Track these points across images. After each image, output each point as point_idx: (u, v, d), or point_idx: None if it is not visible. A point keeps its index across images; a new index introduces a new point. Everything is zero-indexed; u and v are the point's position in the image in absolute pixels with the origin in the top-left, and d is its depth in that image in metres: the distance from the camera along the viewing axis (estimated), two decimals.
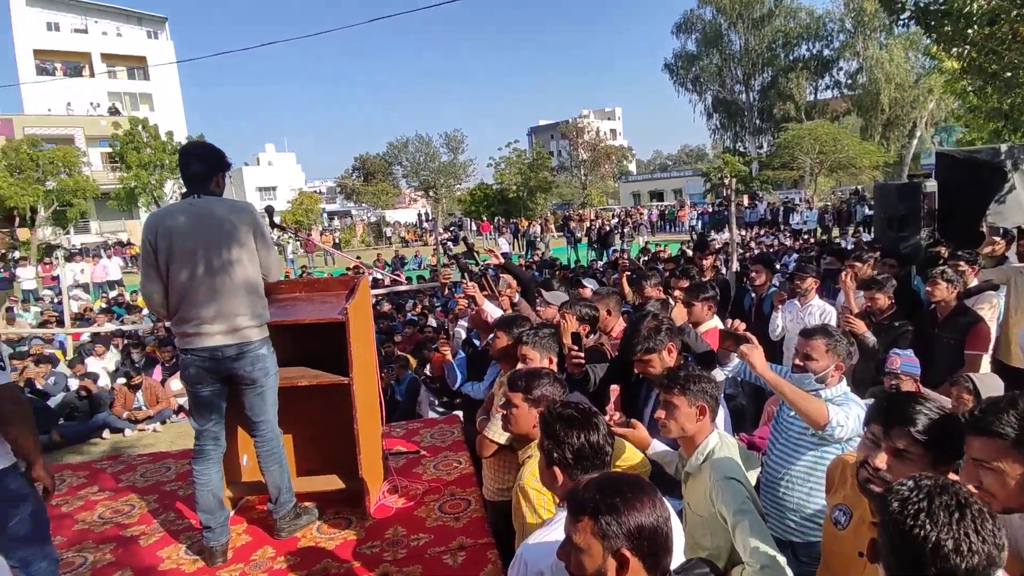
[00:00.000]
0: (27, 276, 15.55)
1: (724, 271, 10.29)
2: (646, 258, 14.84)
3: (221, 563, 2.65)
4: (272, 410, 2.75)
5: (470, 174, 38.84)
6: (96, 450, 6.10)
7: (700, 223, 24.94)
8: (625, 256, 16.66)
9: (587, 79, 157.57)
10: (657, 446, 2.30)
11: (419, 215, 40.70)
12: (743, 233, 19.42)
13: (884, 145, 31.20)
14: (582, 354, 2.68)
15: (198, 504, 2.67)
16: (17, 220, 24.02)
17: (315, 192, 40.36)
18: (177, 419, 6.80)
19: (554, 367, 2.58)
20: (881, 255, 5.29)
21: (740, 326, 2.31)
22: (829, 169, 28.16)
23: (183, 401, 6.94)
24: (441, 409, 6.62)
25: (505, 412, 2.23)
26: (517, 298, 3.77)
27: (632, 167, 61.29)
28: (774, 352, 4.73)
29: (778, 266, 12.15)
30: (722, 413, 2.29)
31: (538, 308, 3.88)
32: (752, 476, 2.45)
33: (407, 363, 6.62)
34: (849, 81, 34.68)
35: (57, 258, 19.19)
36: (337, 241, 27.73)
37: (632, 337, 2.48)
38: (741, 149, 37.88)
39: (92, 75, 34.22)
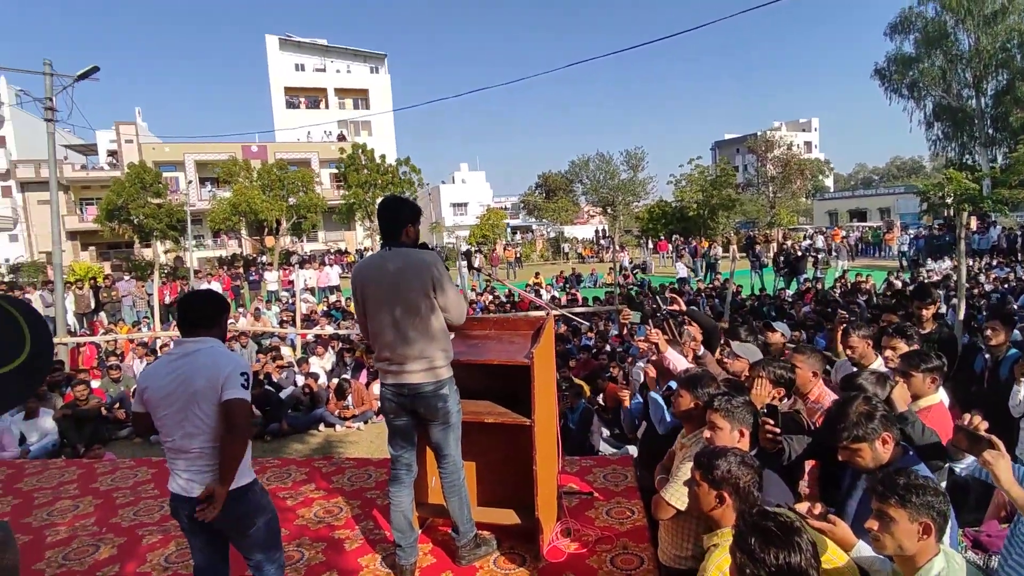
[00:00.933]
0: (271, 279, 18.59)
1: (945, 310, 8.69)
2: (842, 288, 13.19)
3: None
4: (455, 445, 2.95)
5: (649, 191, 38.18)
6: (313, 441, 7.10)
7: (913, 248, 21.42)
8: (820, 285, 14.99)
9: (779, 89, 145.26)
10: (864, 548, 2.03)
11: (596, 231, 40.91)
12: (970, 262, 16.21)
13: None
14: (778, 429, 2.47)
15: (392, 522, 2.98)
16: (266, 230, 29.10)
17: (501, 208, 42.68)
18: (377, 420, 7.64)
19: (746, 440, 2.42)
20: None
21: (981, 425, 1.94)
22: None
23: None
24: (612, 440, 6.58)
25: (688, 487, 2.17)
26: (702, 350, 3.60)
27: (829, 182, 55.02)
28: (1010, 429, 3.91)
29: (1016, 306, 9.84)
30: (949, 527, 1.95)
31: (725, 360, 3.68)
32: None
33: (581, 391, 6.67)
34: None
35: (293, 264, 22.79)
36: (519, 255, 28.98)
37: (838, 420, 2.22)
38: (969, 162, 31.94)
39: (327, 107, 40.27)
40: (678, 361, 3.53)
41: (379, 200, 3.10)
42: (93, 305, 14.01)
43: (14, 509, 4.06)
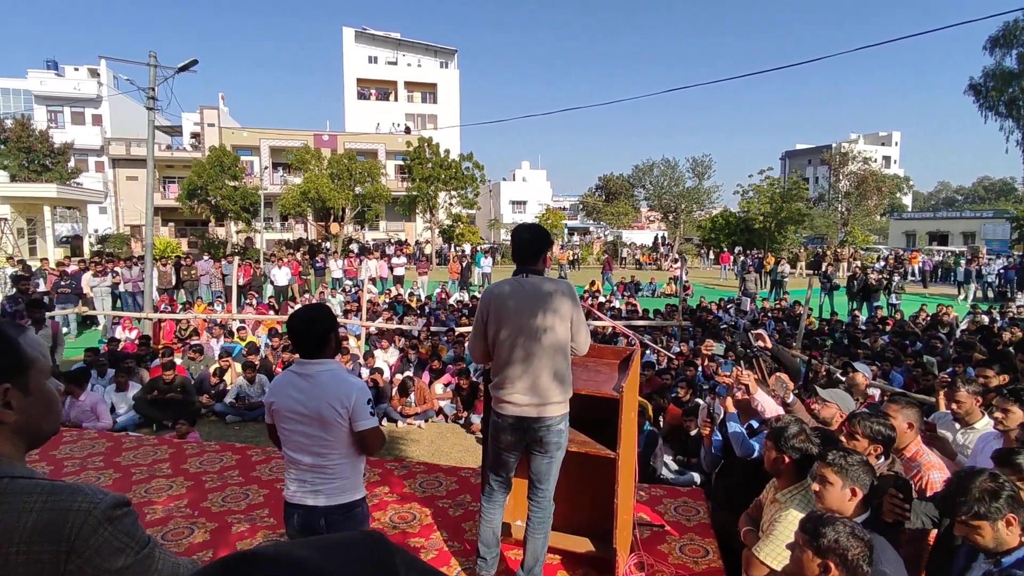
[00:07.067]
0: (336, 267, 18.80)
1: None
2: (924, 321, 12.48)
3: None
4: (553, 481, 2.90)
5: (714, 200, 37.22)
6: None
7: (1001, 279, 20.06)
8: (898, 314, 14.25)
9: (858, 100, 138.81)
10: None
11: (655, 238, 40.25)
12: None
13: None
14: (907, 505, 2.37)
15: (479, 535, 3.01)
16: (331, 217, 30.04)
17: (560, 208, 42.56)
18: (437, 420, 7.80)
19: (857, 500, 2.32)
20: None
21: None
22: None
23: (444, 404, 7.93)
24: (675, 466, 6.48)
25: (790, 550, 2.12)
26: (791, 397, 3.49)
27: (907, 200, 52.15)
28: None
29: None
30: None
31: (814, 406, 3.56)
32: None
33: (645, 412, 6.59)
34: None
35: (354, 252, 23.37)
36: (574, 257, 28.85)
37: (959, 493, 2.11)
38: None
39: (396, 99, 41.14)
40: (768, 404, 3.45)
41: (515, 226, 3.06)
42: (174, 282, 14.81)
43: (115, 483, 4.36)
